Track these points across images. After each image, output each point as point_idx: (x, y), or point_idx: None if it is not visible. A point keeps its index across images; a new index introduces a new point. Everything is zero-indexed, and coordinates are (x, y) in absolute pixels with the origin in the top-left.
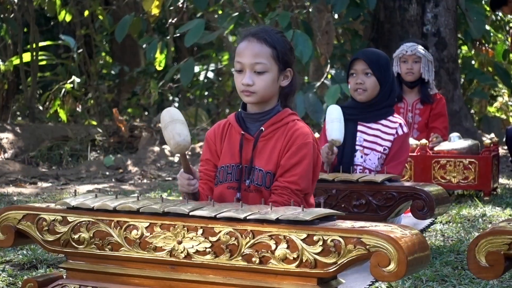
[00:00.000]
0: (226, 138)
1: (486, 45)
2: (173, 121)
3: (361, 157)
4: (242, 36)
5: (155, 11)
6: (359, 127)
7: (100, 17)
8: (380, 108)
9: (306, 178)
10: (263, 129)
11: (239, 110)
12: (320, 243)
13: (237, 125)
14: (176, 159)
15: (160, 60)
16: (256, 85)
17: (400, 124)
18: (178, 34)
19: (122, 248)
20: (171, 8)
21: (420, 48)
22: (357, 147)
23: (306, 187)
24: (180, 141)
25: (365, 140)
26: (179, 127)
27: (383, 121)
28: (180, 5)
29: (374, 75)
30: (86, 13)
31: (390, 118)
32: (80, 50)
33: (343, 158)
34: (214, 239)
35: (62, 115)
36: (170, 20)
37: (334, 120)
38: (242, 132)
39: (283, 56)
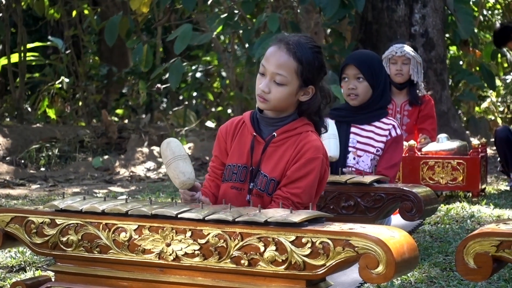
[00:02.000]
0: (237, 136)
1: (473, 46)
2: (175, 157)
3: (354, 158)
4: (276, 39)
5: (143, 9)
6: (352, 129)
7: (87, 12)
8: (373, 110)
9: (309, 192)
10: (275, 134)
11: (255, 110)
12: (309, 245)
13: (250, 126)
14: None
15: (144, 60)
16: (271, 94)
17: (394, 126)
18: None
19: (110, 251)
20: (158, 8)
21: (410, 50)
22: (350, 149)
23: (308, 201)
24: (185, 180)
25: (358, 142)
26: (182, 165)
27: (377, 123)
28: (168, 6)
29: (366, 80)
30: (74, 13)
31: (384, 120)
32: (68, 51)
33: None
34: (202, 241)
35: (51, 114)
36: (157, 21)
37: (330, 137)
38: (254, 133)
39: (307, 74)
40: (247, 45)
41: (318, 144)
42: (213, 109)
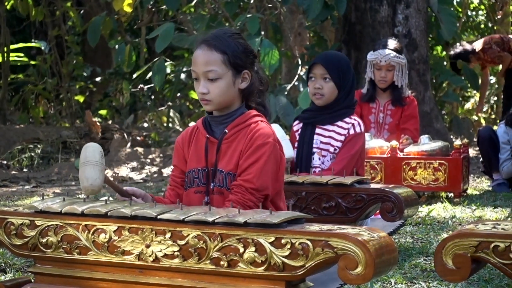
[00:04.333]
0: (193, 142)
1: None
2: (84, 163)
3: (319, 159)
4: (197, 43)
5: (127, 9)
6: (317, 130)
7: (72, 15)
8: (337, 110)
9: (262, 177)
10: (227, 131)
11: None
12: (288, 246)
13: (203, 129)
14: (147, 160)
15: (127, 61)
16: (211, 92)
17: (353, 125)
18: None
19: (90, 252)
20: (142, 8)
21: (394, 55)
22: (314, 150)
23: (262, 186)
24: (88, 186)
25: (321, 142)
26: (88, 170)
27: (339, 123)
28: (150, 6)
29: (332, 80)
30: (58, 13)
31: (346, 119)
32: (52, 52)
33: (302, 161)
34: (182, 242)
35: (36, 114)
36: (139, 21)
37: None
38: (207, 135)
39: (235, 60)
40: None
41: (268, 131)
42: (196, 110)
